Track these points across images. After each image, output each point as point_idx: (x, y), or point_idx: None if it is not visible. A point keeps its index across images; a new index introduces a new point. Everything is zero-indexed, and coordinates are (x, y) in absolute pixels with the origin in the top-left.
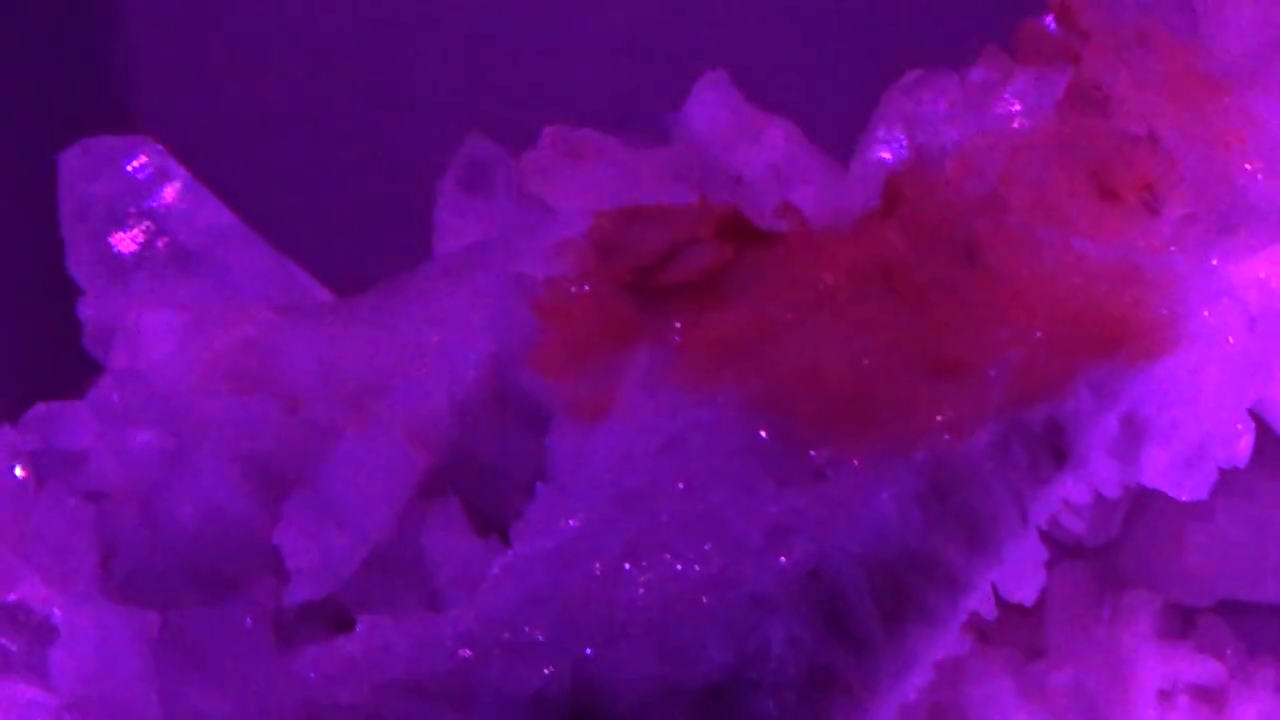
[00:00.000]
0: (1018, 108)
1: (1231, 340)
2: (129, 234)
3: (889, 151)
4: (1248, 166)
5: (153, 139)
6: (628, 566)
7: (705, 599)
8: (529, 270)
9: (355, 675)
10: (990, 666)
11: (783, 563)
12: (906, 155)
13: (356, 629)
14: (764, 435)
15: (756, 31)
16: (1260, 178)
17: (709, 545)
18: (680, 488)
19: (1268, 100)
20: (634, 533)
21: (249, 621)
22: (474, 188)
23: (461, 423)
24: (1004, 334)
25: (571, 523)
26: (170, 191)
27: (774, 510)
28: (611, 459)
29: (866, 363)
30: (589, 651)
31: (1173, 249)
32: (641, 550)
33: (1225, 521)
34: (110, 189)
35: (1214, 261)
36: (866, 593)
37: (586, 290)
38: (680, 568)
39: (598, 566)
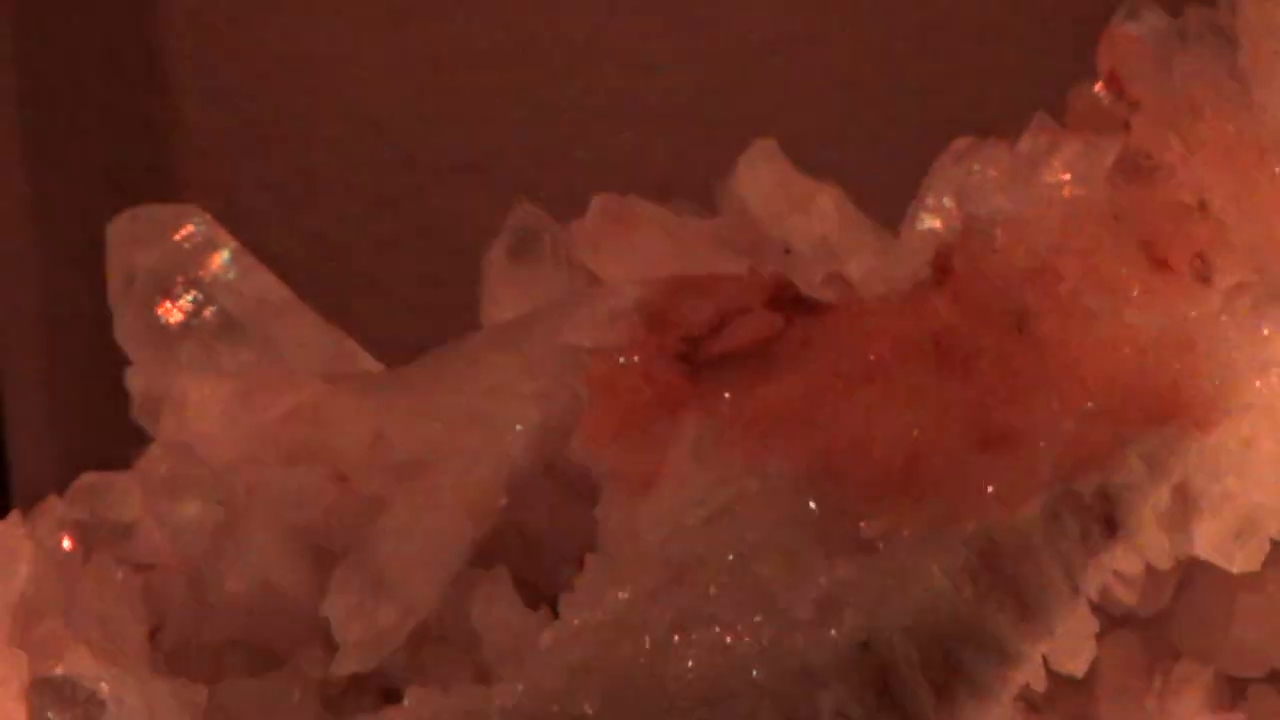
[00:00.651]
0: (1068, 176)
1: None
2: (177, 303)
3: (939, 220)
4: None
5: (201, 207)
6: (677, 638)
7: (755, 671)
8: (578, 340)
9: None
10: None
11: (833, 634)
12: (956, 224)
13: (404, 701)
14: (814, 506)
15: (805, 100)
16: None
17: (759, 617)
18: (730, 559)
19: None
20: (683, 604)
21: (297, 694)
22: (522, 256)
23: (511, 493)
24: (1055, 404)
25: (621, 594)
26: (218, 260)
27: (824, 581)
28: (661, 530)
29: (916, 433)
30: None
31: (1224, 318)
32: (691, 622)
33: (1277, 592)
34: (158, 258)
35: (1265, 331)
36: (917, 664)
37: (636, 360)
38: (730, 639)
39: (647, 639)
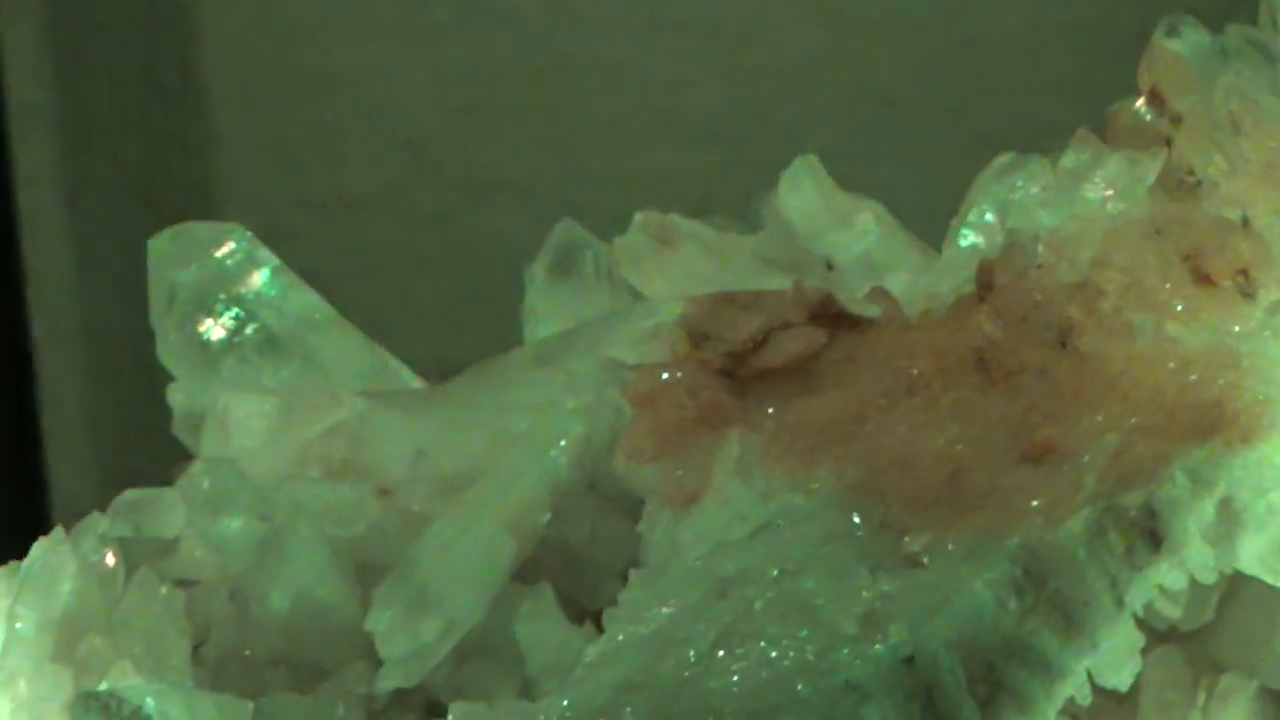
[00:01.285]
0: (1110, 192)
1: None
2: (218, 321)
3: (981, 236)
4: None
5: (239, 225)
6: (721, 653)
7: (800, 685)
8: (621, 356)
9: None
10: None
11: (878, 649)
12: (999, 240)
13: (449, 716)
14: (858, 521)
15: (841, 117)
16: None
17: (804, 631)
18: (774, 574)
19: None
20: (727, 619)
21: (341, 709)
22: (564, 273)
23: (553, 509)
24: (1098, 419)
25: (665, 609)
26: (260, 278)
27: (868, 596)
28: (704, 545)
29: (960, 448)
30: None
31: (1267, 333)
32: (735, 637)
33: None
34: (199, 275)
35: None
36: (962, 679)
37: (679, 376)
38: (774, 654)
39: (692, 653)
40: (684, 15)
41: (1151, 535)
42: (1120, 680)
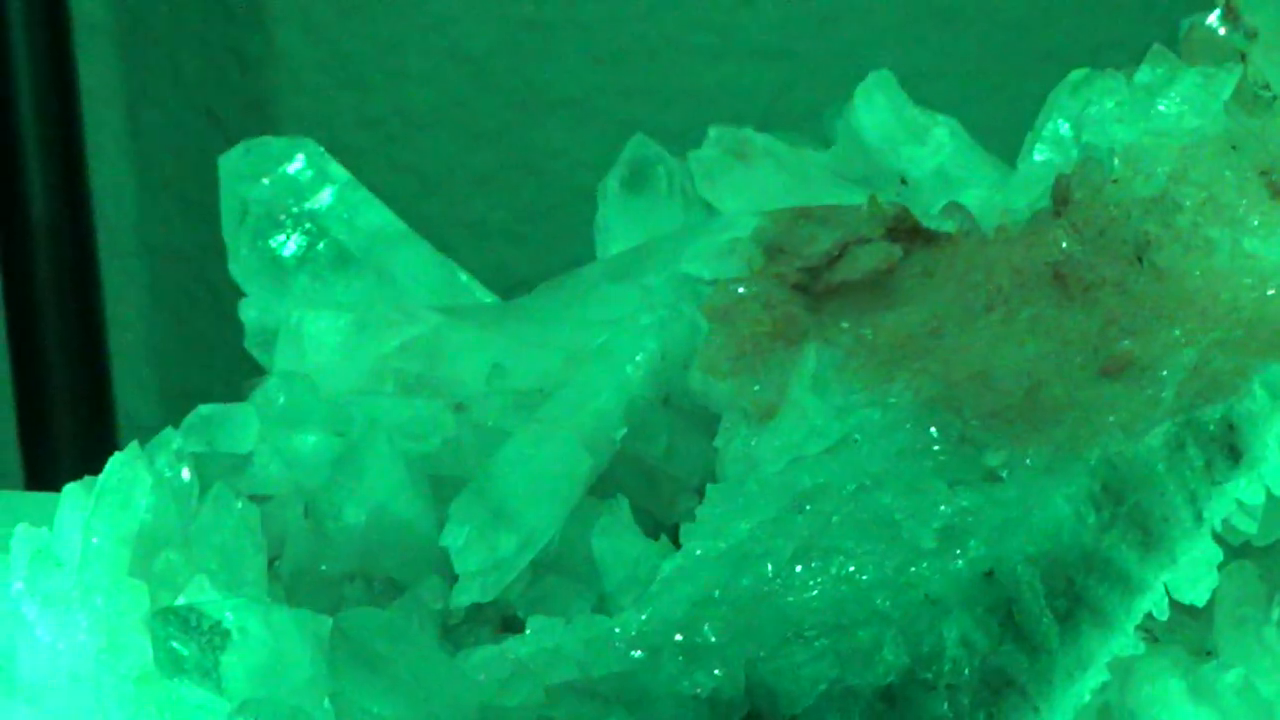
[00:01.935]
0: (1185, 108)
1: None
2: (290, 236)
3: (1056, 152)
4: None
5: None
6: (799, 568)
7: (879, 600)
8: (696, 271)
9: (526, 677)
10: (1160, 667)
11: (958, 564)
12: (1073, 155)
13: (526, 631)
14: (935, 435)
15: (906, 32)
16: None
17: (882, 546)
18: (851, 488)
19: None
20: (805, 534)
21: (418, 624)
22: (638, 189)
23: (630, 423)
24: (1176, 334)
25: (742, 524)
26: (331, 193)
27: (947, 511)
28: (781, 460)
29: (1038, 363)
30: (762, 653)
31: None
32: (813, 551)
33: None
34: (271, 191)
35: None
36: (1041, 594)
37: (754, 291)
38: (853, 569)
39: (770, 568)
40: None
41: (1230, 449)
42: (1197, 595)
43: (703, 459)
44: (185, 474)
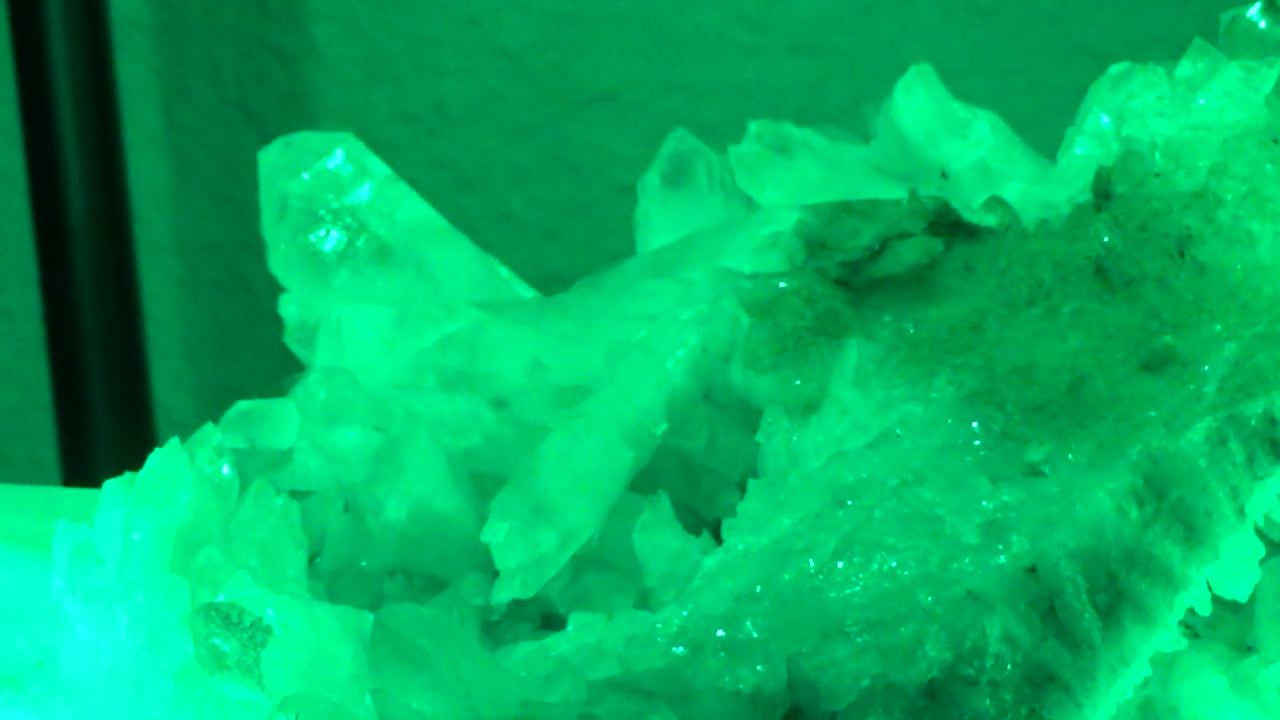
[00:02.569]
0: (1226, 101)
1: None
2: (330, 231)
3: (1096, 145)
4: None
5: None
6: (842, 563)
7: (922, 595)
8: (737, 265)
9: (568, 674)
10: (1202, 662)
11: (1000, 559)
12: (1114, 149)
13: (568, 627)
14: (977, 430)
15: (943, 26)
16: None
17: (925, 541)
18: (894, 483)
19: None
20: (847, 529)
21: (459, 620)
22: (678, 183)
23: (670, 418)
24: (1218, 328)
25: (784, 519)
26: (370, 187)
27: (989, 506)
28: (823, 455)
29: (1080, 358)
30: (804, 649)
31: None
32: (856, 546)
33: None
34: (310, 186)
35: None
36: (1084, 590)
37: (796, 285)
38: (895, 564)
39: (812, 563)
40: None
41: (1272, 444)
42: (1240, 590)
43: (744, 454)
44: (225, 470)
